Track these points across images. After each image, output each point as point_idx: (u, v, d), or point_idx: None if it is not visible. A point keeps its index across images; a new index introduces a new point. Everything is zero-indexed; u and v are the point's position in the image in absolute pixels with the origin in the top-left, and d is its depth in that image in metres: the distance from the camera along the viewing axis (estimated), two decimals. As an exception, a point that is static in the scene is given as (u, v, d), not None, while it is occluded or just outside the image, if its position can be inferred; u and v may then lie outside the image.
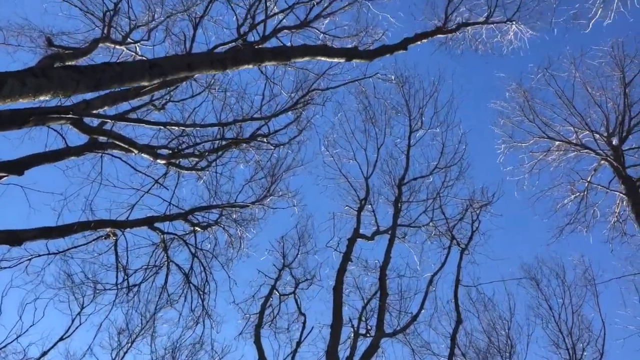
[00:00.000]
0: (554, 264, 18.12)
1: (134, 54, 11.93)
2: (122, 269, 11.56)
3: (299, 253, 17.17)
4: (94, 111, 8.45)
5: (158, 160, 10.86)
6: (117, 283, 11.41)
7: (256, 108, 13.03)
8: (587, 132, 16.24)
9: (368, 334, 14.55)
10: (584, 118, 16.45)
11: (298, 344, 15.23)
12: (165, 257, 12.35)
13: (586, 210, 16.31)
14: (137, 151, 9.97)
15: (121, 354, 16.19)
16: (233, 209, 14.06)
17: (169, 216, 11.89)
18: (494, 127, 18.56)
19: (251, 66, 7.93)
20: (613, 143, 15.53)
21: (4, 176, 8.24)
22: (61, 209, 9.33)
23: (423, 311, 14.77)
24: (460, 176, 17.41)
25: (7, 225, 10.32)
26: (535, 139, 17.27)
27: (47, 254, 10.86)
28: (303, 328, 15.56)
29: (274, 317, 15.94)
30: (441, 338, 16.05)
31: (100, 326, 13.57)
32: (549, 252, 24.64)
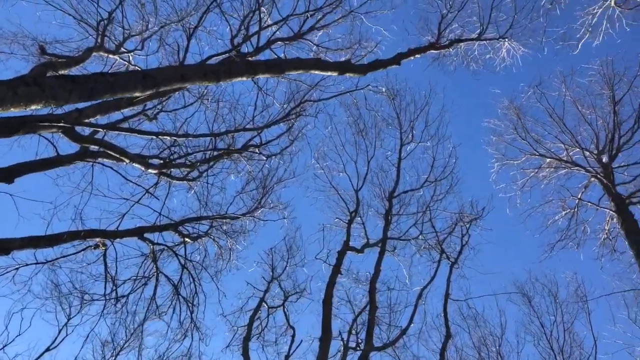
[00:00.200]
0: (547, 281, 18.19)
1: (127, 64, 11.92)
2: (111, 280, 11.45)
3: (288, 265, 17.13)
4: (86, 120, 8.43)
5: (149, 170, 10.82)
6: (106, 294, 11.29)
7: (249, 119, 13.04)
8: (578, 150, 16.40)
9: (358, 348, 14.48)
10: (575, 135, 16.63)
11: (287, 358, 15.12)
12: (154, 268, 12.24)
13: (577, 227, 16.41)
14: (129, 160, 9.93)
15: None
16: (224, 221, 14.01)
17: (159, 227, 11.84)
18: (487, 147, 18.70)
19: (244, 78, 7.96)
20: (603, 160, 15.65)
21: (-6, 184, 8.18)
22: (51, 218, 9.28)
23: (412, 325, 14.77)
24: (450, 190, 17.53)
25: (-5, 233, 10.22)
26: (526, 156, 17.41)
27: (35, 263, 10.74)
28: (292, 341, 15.47)
29: (262, 330, 15.84)
30: (431, 353, 16.05)
31: (87, 337, 13.38)
32: (541, 269, 24.79)
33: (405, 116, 17.78)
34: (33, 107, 5.14)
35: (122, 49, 11.87)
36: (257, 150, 13.24)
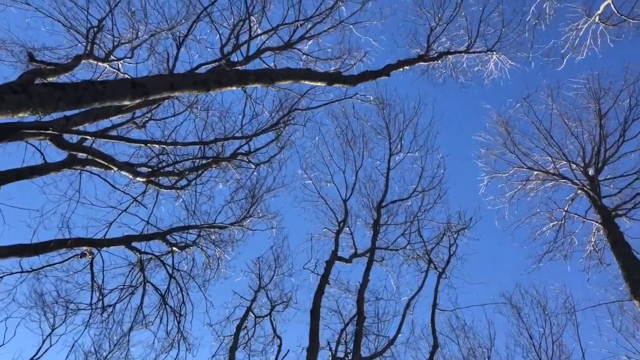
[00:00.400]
0: (536, 293, 18.24)
1: (117, 72, 11.89)
2: (98, 289, 11.35)
3: (275, 275, 17.10)
4: (74, 127, 8.38)
5: (137, 178, 10.77)
6: (92, 303, 11.19)
7: (238, 127, 13.07)
8: (565, 162, 16.54)
9: (346, 358, 14.44)
10: (562, 148, 16.78)
11: (274, 367, 15.05)
12: (141, 277, 12.17)
13: (564, 238, 16.52)
14: (117, 168, 9.88)
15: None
16: (212, 230, 13.96)
17: (147, 235, 11.78)
18: (477, 160, 18.82)
19: (234, 88, 7.97)
20: (589, 173, 15.80)
21: (-21, 191, 8.10)
22: (37, 226, 9.21)
23: (400, 335, 14.76)
24: (438, 200, 17.61)
25: (-20, 241, 10.09)
26: (514, 169, 17.56)
27: (20, 272, 10.63)
28: (279, 351, 15.40)
29: (249, 340, 15.79)
30: (419, 363, 16.00)
31: (72, 347, 13.21)
32: (530, 280, 24.90)
33: (394, 126, 17.90)
34: (20, 115, 5.11)
35: (112, 57, 11.83)
36: (246, 158, 13.25)
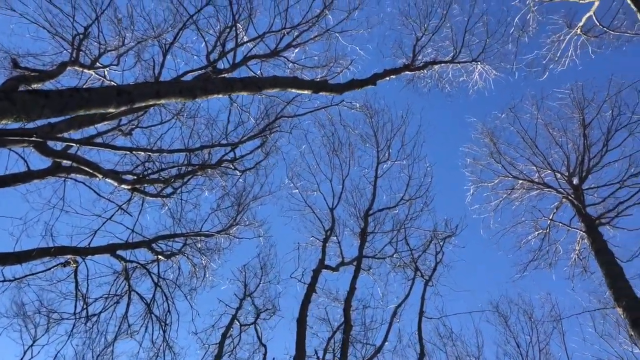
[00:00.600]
0: (521, 301, 18.34)
1: (103, 79, 11.83)
2: (82, 298, 11.21)
3: (262, 282, 17.04)
4: (59, 135, 8.31)
5: (123, 185, 10.68)
6: (76, 312, 11.04)
7: (224, 134, 13.04)
8: (549, 172, 16.71)
9: (333, 366, 14.42)
10: (546, 158, 16.95)
11: (258, 377, 14.98)
12: (126, 286, 12.04)
13: (549, 247, 16.64)
14: (102, 176, 9.81)
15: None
16: (198, 238, 13.88)
17: (132, 244, 11.68)
18: (463, 169, 18.92)
19: (221, 95, 7.96)
20: (574, 182, 15.97)
21: (-40, 199, 7.99)
22: (20, 234, 9.11)
23: (387, 343, 14.77)
24: (424, 208, 17.71)
25: (-39, 249, 9.92)
26: (500, 178, 17.70)
27: (2, 281, 10.46)
28: (264, 359, 15.33)
29: (234, 348, 15.70)
30: (405, 372, 16.01)
31: (55, 358, 13.01)
32: (515, 288, 25.03)
33: (382, 135, 18.00)
34: (4, 122, 5.06)
35: (98, 64, 11.77)
36: (232, 165, 13.22)
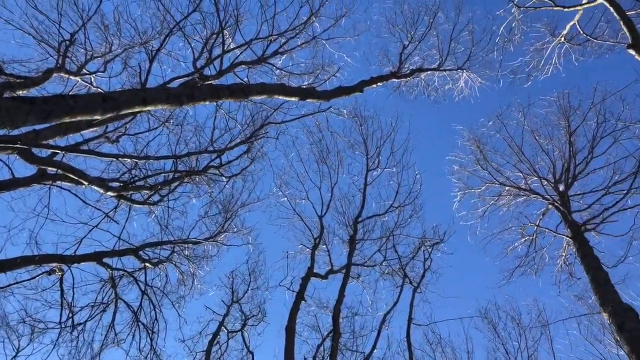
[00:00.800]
0: (509, 308, 18.39)
1: (89, 85, 11.77)
2: (67, 306, 11.07)
3: (249, 289, 16.96)
4: (44, 142, 8.25)
5: (109, 192, 10.61)
6: (61, 321, 10.90)
7: (211, 141, 13.01)
8: (536, 178, 16.83)
9: (322, 374, 14.36)
10: (533, 164, 17.06)
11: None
12: (113, 294, 11.92)
13: (535, 253, 16.71)
14: (88, 183, 9.73)
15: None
16: (185, 245, 13.81)
17: (119, 251, 11.58)
18: (450, 176, 18.98)
19: (208, 102, 7.96)
20: (560, 189, 16.09)
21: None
22: (4, 243, 8.99)
23: (376, 350, 14.74)
24: (413, 215, 17.75)
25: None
26: (487, 185, 17.76)
27: (-15, 290, 10.33)
28: (251, 366, 15.26)
29: (222, 355, 15.57)
30: (395, 379, 15.95)
31: (39, 368, 12.82)
32: (503, 294, 25.15)
33: (372, 142, 17.99)
34: (-13, 129, 5.02)
35: (84, 71, 11.72)
36: (218, 171, 13.19)
